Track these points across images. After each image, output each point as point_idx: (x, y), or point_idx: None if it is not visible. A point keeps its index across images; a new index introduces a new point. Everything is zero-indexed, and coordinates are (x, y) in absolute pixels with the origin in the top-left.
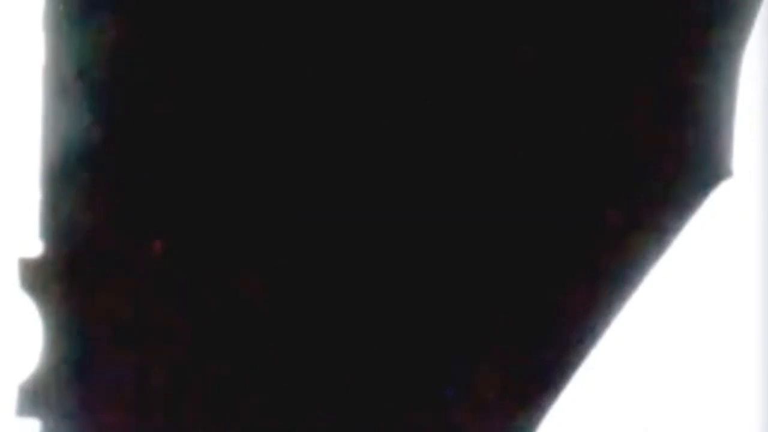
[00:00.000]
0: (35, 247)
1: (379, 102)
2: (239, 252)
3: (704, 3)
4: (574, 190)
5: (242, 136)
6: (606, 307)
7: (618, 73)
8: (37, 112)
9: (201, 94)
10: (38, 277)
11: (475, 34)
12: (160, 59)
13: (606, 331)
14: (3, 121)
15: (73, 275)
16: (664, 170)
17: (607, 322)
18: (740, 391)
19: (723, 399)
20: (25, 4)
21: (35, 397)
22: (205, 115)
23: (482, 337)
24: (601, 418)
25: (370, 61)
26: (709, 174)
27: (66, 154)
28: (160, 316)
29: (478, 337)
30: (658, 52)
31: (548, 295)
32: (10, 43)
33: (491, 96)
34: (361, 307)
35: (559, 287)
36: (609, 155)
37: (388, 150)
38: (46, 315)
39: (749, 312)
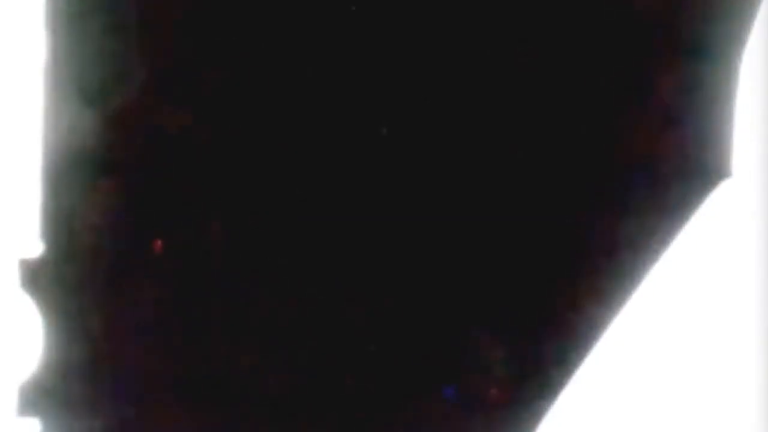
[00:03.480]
0: (35, 247)
1: (379, 102)
2: (240, 252)
3: (704, 2)
4: (574, 189)
5: (243, 135)
6: (605, 307)
7: (617, 72)
8: (37, 111)
9: (201, 93)
10: (38, 277)
11: (474, 34)
12: (161, 58)
13: (606, 331)
14: (3, 120)
15: (73, 275)
16: (664, 170)
17: (606, 322)
18: (740, 391)
19: (723, 399)
20: (27, 2)
21: (35, 397)
22: (206, 115)
23: (481, 336)
24: (601, 418)
25: (370, 60)
26: (708, 174)
27: (66, 154)
28: (161, 316)
29: (477, 336)
30: (657, 52)
31: (548, 294)
32: (11, 42)
33: (491, 96)
34: (361, 307)
35: (558, 287)
36: (608, 155)
37: (388, 150)
38: (46, 315)
39: (749, 312)
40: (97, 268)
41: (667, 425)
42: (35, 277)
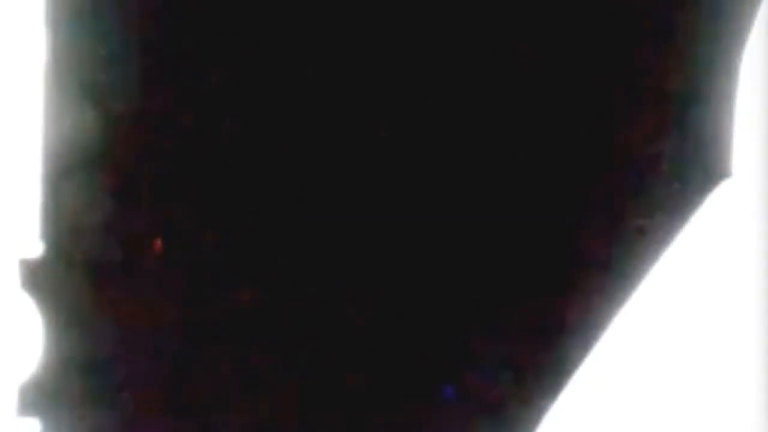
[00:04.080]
0: (35, 247)
1: (379, 102)
2: (240, 252)
3: (704, 2)
4: (574, 190)
5: (243, 135)
6: (606, 307)
7: (617, 72)
8: (38, 111)
9: (201, 93)
10: (38, 277)
11: (475, 34)
12: (161, 59)
13: (606, 331)
14: (3, 120)
15: (73, 275)
16: (664, 170)
17: (607, 322)
18: (740, 391)
19: (723, 399)
20: (27, 2)
21: (35, 397)
22: (206, 115)
23: (481, 337)
24: (601, 418)
25: (370, 61)
26: (709, 174)
27: (66, 154)
28: (161, 316)
29: (477, 337)
30: (657, 52)
31: (547, 295)
32: (11, 41)
33: (491, 97)
34: (361, 307)
35: (558, 288)
36: (608, 155)
37: (387, 150)
38: (46, 315)
39: (749, 312)
40: (96, 268)
41: (667, 425)
42: (35, 277)
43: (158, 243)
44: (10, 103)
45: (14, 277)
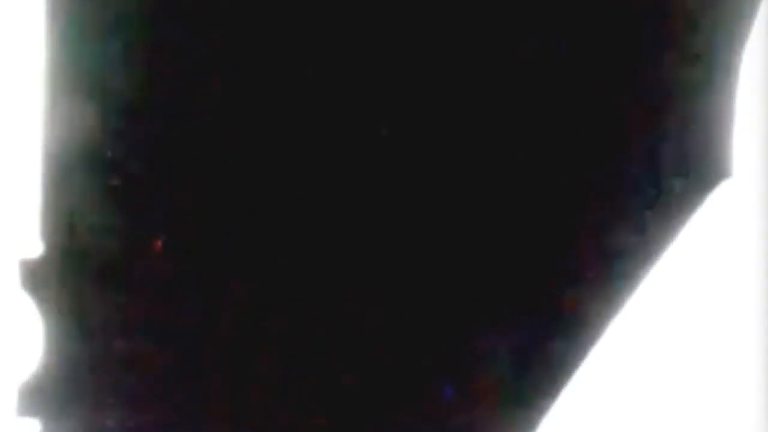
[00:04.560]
0: (35, 247)
1: (379, 102)
2: (240, 252)
3: (704, 2)
4: (573, 189)
5: (243, 135)
6: (605, 307)
7: (616, 72)
8: (37, 111)
9: (201, 94)
10: (38, 277)
11: (474, 33)
12: (161, 59)
13: (605, 331)
14: (3, 120)
15: (73, 275)
16: (664, 170)
17: (607, 322)
18: (740, 391)
19: (723, 399)
20: (28, 2)
21: (35, 397)
22: (206, 115)
23: (481, 336)
24: (601, 418)
25: (370, 60)
26: (709, 174)
27: (66, 154)
28: (161, 316)
29: (477, 336)
30: (657, 51)
31: (548, 294)
32: (11, 40)
33: (491, 96)
34: (361, 306)
35: (557, 287)
36: (608, 155)
37: (388, 150)
38: (46, 315)
39: (749, 312)
40: (97, 268)
41: (667, 425)
42: (35, 277)
43: (158, 243)
44: (10, 103)
45: (14, 277)
